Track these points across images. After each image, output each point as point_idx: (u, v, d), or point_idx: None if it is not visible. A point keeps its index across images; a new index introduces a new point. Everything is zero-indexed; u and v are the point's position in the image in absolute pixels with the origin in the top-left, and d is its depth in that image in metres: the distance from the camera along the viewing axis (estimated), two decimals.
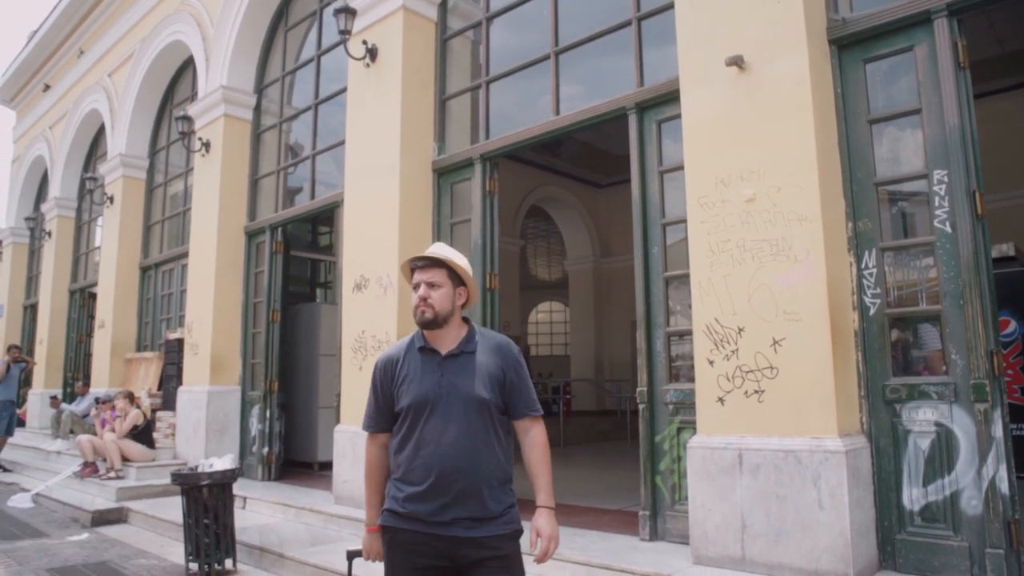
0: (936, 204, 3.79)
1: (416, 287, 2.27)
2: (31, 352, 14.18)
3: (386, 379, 2.32)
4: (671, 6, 4.73)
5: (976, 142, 3.75)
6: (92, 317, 12.70)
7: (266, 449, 8.23)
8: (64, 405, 11.52)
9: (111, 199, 11.55)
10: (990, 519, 3.49)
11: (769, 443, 3.88)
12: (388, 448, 2.33)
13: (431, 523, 2.16)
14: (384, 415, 2.32)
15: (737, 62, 4.16)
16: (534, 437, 2.31)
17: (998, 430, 3.53)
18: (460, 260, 2.31)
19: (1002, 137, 8.06)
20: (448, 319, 2.26)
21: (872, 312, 3.97)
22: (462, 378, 2.21)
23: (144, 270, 11.40)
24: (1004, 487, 3.48)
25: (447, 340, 2.28)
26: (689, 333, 4.48)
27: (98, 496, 7.88)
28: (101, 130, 12.99)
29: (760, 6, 4.18)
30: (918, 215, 4.06)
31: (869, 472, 3.84)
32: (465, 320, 2.36)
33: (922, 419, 3.77)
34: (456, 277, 2.30)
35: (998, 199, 7.32)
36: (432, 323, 2.24)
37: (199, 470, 5.37)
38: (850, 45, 4.16)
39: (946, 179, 3.76)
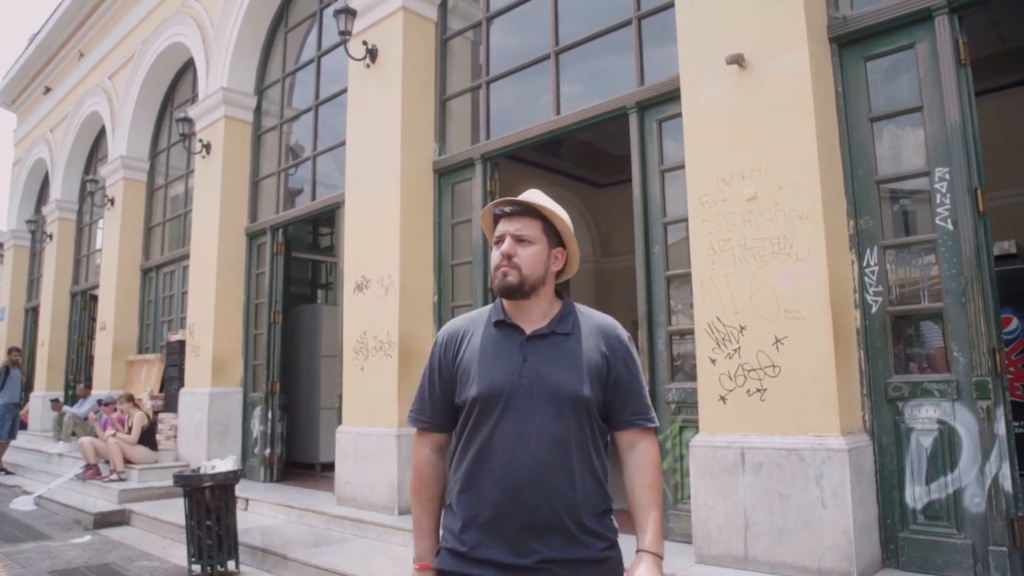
0: (938, 202, 3.79)
1: (499, 241, 1.75)
2: (32, 355, 14.19)
3: (446, 358, 1.78)
4: (671, 5, 4.72)
5: (978, 139, 3.74)
6: (93, 319, 12.71)
7: (268, 450, 8.23)
8: (66, 408, 11.52)
9: (112, 201, 11.55)
10: (993, 517, 3.48)
11: (771, 441, 3.88)
12: (445, 453, 1.84)
13: (508, 569, 1.61)
14: (439, 407, 1.79)
15: (738, 60, 4.16)
16: (643, 455, 1.73)
17: (1001, 427, 3.52)
18: (561, 212, 1.78)
19: (1004, 134, 8.03)
20: (538, 288, 1.74)
21: (874, 310, 3.96)
22: (552, 366, 1.68)
23: (145, 272, 11.41)
24: (1007, 484, 3.48)
25: (535, 316, 1.76)
26: (691, 332, 4.48)
27: (100, 498, 7.88)
28: (102, 132, 13.00)
29: (760, 4, 4.17)
30: (919, 213, 4.06)
31: (872, 470, 3.84)
32: (559, 294, 1.83)
33: (924, 417, 3.77)
34: (553, 233, 1.78)
35: (1000, 196, 7.31)
36: (516, 290, 1.71)
37: (201, 472, 5.37)
38: (851, 43, 4.15)
39: (948, 176, 3.75)
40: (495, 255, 1.76)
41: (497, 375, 1.69)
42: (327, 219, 10.15)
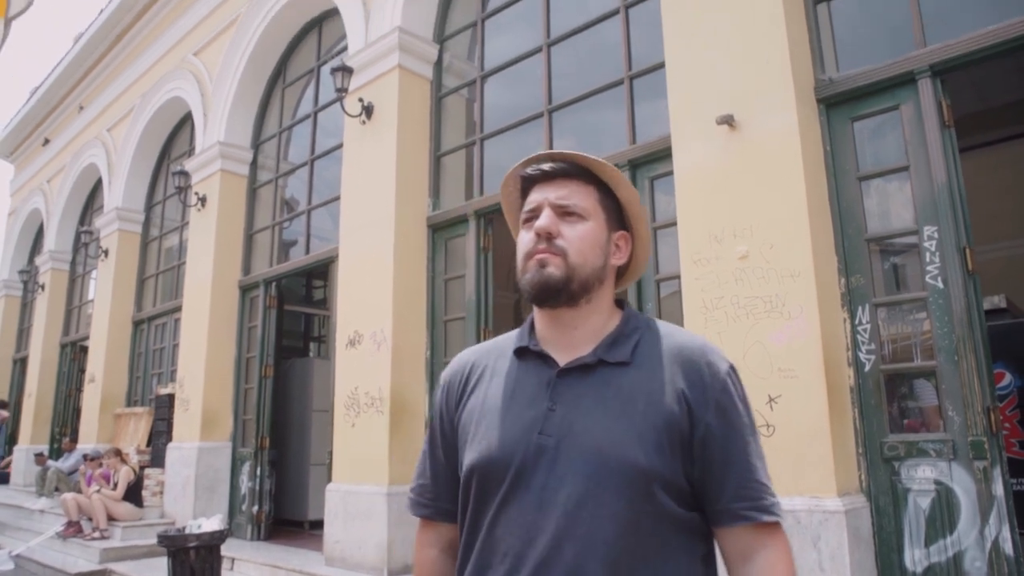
0: (927, 260, 3.81)
1: (530, 216, 1.20)
2: (18, 407, 14.00)
3: (448, 409, 1.28)
4: (662, 65, 4.82)
5: (964, 199, 3.79)
6: (83, 371, 12.58)
7: (256, 507, 8.06)
8: (50, 462, 11.32)
9: (106, 252, 11.55)
10: None
11: None
12: (455, 553, 1.25)
13: None
14: (444, 484, 1.27)
15: (728, 121, 4.23)
16: (762, 570, 1.11)
17: (999, 488, 3.48)
18: (622, 176, 1.24)
19: (990, 189, 8.16)
20: (591, 289, 1.17)
21: (867, 368, 3.95)
22: (595, 418, 1.11)
23: (137, 324, 11.35)
24: (1008, 548, 3.42)
25: (581, 336, 1.18)
26: None
27: (81, 557, 7.67)
28: (98, 184, 13.08)
29: (749, 66, 4.26)
30: (910, 270, 4.08)
31: (869, 532, 3.77)
32: (620, 303, 1.25)
33: (921, 477, 3.72)
34: (614, 209, 1.23)
35: (988, 250, 7.39)
36: (558, 290, 1.14)
37: (187, 531, 5.26)
38: (838, 104, 4.24)
39: (936, 235, 3.79)
40: (524, 238, 1.19)
41: (506, 432, 1.13)
42: (321, 271, 10.17)
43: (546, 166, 1.22)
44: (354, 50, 7.04)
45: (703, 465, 1.11)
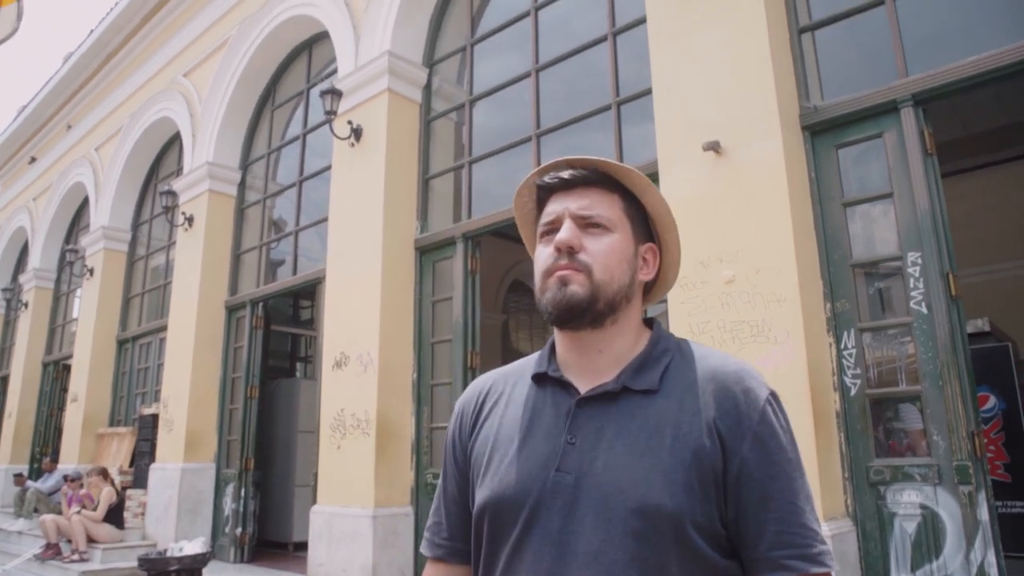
0: (911, 285, 3.85)
1: (549, 229, 1.10)
2: None
3: (461, 439, 1.18)
4: (649, 91, 4.88)
5: (947, 225, 3.84)
6: (65, 390, 12.43)
7: (239, 529, 7.96)
8: (29, 482, 11.14)
9: (91, 271, 11.48)
10: None
11: None
12: None
13: None
14: (455, 520, 1.18)
15: (714, 147, 4.28)
16: None
17: (984, 513, 3.50)
18: (650, 183, 1.13)
19: (973, 214, 8.29)
20: (618, 309, 1.07)
21: (853, 393, 3.97)
22: (617, 453, 1.01)
23: (121, 343, 11.24)
24: (993, 572, 3.43)
25: (606, 361, 1.08)
26: None
27: None
28: (84, 202, 13.03)
29: (735, 94, 4.32)
30: (895, 295, 4.12)
31: (856, 557, 3.78)
32: (649, 322, 1.16)
33: (907, 501, 3.73)
34: (641, 219, 1.14)
35: (971, 274, 7.47)
36: (582, 310, 1.05)
37: (168, 554, 5.19)
38: (822, 131, 4.30)
39: (920, 261, 3.84)
40: (543, 254, 1.09)
41: (520, 468, 1.04)
42: (308, 292, 10.14)
43: (565, 173, 1.11)
44: (344, 73, 7.08)
45: (738, 505, 0.98)
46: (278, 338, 10.94)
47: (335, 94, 6.72)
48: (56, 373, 13.33)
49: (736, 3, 4.40)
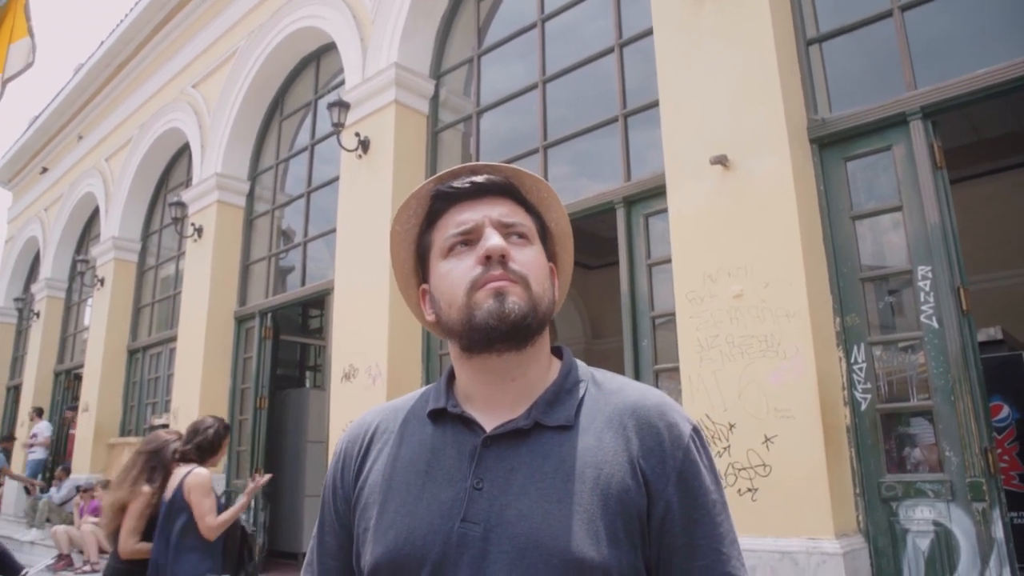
0: (922, 300, 3.82)
1: (466, 237, 0.98)
2: (11, 435, 13.87)
3: (343, 485, 1.04)
4: (657, 103, 4.86)
5: (957, 239, 3.81)
6: (76, 399, 12.50)
7: None
8: (40, 493, 11.19)
9: (102, 281, 11.54)
10: None
11: (764, 544, 3.78)
12: None
13: None
14: (333, 572, 1.04)
15: (722, 161, 4.26)
16: None
17: (998, 531, 3.46)
18: (557, 197, 1.08)
19: (983, 221, 8.22)
20: (543, 328, 0.98)
21: (864, 407, 3.94)
22: (531, 499, 0.90)
23: (132, 353, 11.30)
24: None
25: (513, 393, 0.98)
26: None
27: None
28: (95, 213, 13.11)
29: (743, 107, 4.30)
30: (905, 310, 4.09)
31: (868, 574, 3.74)
32: (557, 351, 1.05)
33: (920, 518, 3.70)
34: (542, 234, 1.04)
35: (982, 281, 7.41)
36: (523, 327, 0.93)
37: None
38: (831, 144, 4.27)
39: (930, 275, 3.80)
40: (460, 267, 0.96)
41: (419, 519, 0.92)
42: (317, 301, 10.17)
43: (480, 178, 1.00)
44: (351, 85, 7.10)
45: (660, 552, 0.91)
46: (287, 348, 10.95)
47: (342, 106, 6.73)
48: (68, 382, 13.40)
49: (743, 15, 4.38)
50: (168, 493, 3.47)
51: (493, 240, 0.94)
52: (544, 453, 0.92)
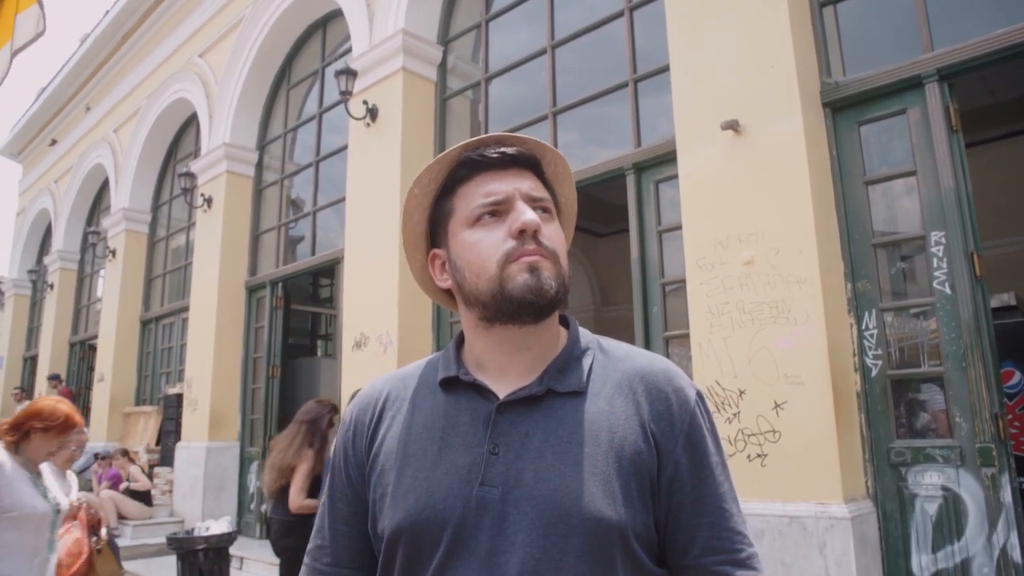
0: (935, 265, 3.79)
1: (497, 207, 0.98)
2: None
3: (355, 453, 1.05)
4: (667, 68, 4.80)
5: (972, 204, 3.76)
6: (91, 370, 12.66)
7: (264, 507, 8.11)
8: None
9: (113, 253, 11.61)
10: None
11: (773, 508, 3.81)
12: None
13: None
14: (345, 543, 1.05)
15: (733, 126, 4.21)
16: None
17: (1007, 495, 3.47)
18: (571, 175, 1.12)
19: (998, 184, 8.11)
20: (564, 301, 0.99)
21: (874, 374, 3.94)
22: (548, 462, 0.92)
23: (144, 323, 11.40)
24: (1016, 555, 3.41)
25: (525, 362, 1.00)
26: None
27: None
28: (105, 184, 13.14)
29: (754, 71, 4.24)
30: (918, 275, 4.06)
31: (876, 538, 3.77)
32: (564, 320, 1.08)
33: (928, 483, 3.71)
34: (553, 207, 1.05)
35: (996, 246, 7.33)
36: (555, 303, 0.97)
37: (195, 533, 5.29)
38: (844, 108, 4.21)
39: (943, 240, 3.77)
40: (491, 238, 0.97)
41: (438, 484, 0.93)
42: (327, 270, 10.20)
43: (511, 149, 1.00)
44: (358, 52, 7.04)
45: (669, 511, 0.95)
46: (298, 317, 11.02)
47: (350, 74, 6.68)
48: (83, 353, 13.56)
49: None
50: (329, 455, 4.03)
51: (528, 215, 0.96)
52: (558, 418, 0.94)
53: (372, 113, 6.73)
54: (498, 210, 0.98)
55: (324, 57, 8.63)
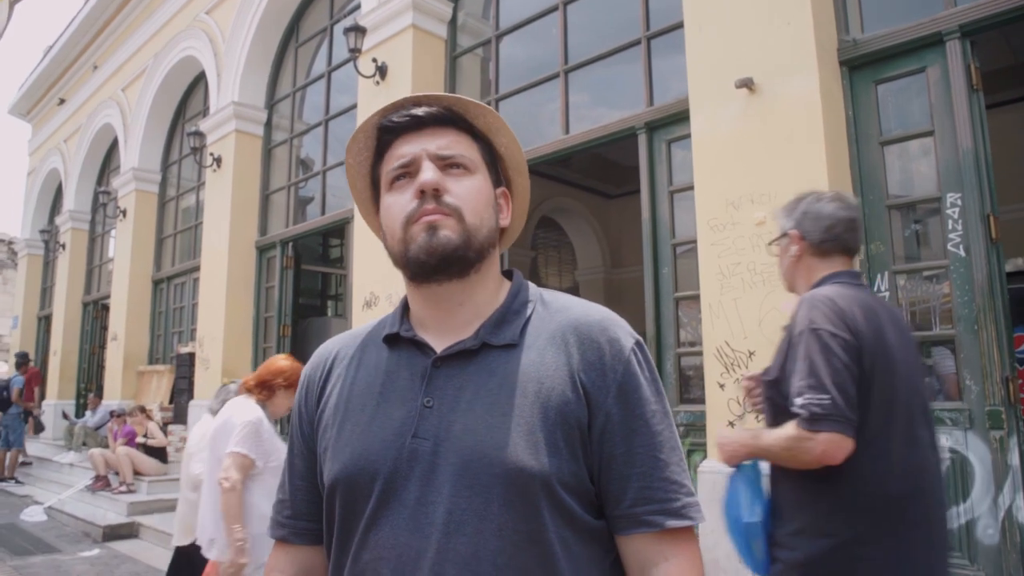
0: (950, 227, 3.74)
1: (405, 171, 1.00)
2: (45, 364, 14.29)
3: (307, 410, 1.09)
4: (681, 25, 4.70)
5: (990, 165, 3.70)
6: (105, 329, 12.79)
7: None
8: (73, 418, 11.60)
9: (124, 213, 11.64)
10: (1007, 550, 3.43)
11: None
12: None
13: None
14: (301, 498, 1.10)
15: (747, 84, 4.14)
16: None
17: (1014, 458, 3.47)
18: (504, 122, 1.07)
19: (1017, 147, 7.97)
20: (484, 256, 1.00)
21: None
22: (477, 415, 0.93)
23: (156, 283, 11.48)
24: (1021, 516, 3.43)
25: (463, 316, 1.01)
26: (700, 354, 4.45)
27: (109, 510, 7.91)
28: (114, 144, 13.11)
29: (770, 28, 4.15)
30: (932, 238, 4.02)
31: None
32: (508, 273, 1.09)
33: None
34: (490, 160, 1.06)
35: (1014, 210, 7.23)
36: (455, 257, 0.96)
37: None
38: (861, 66, 4.12)
39: (960, 202, 3.71)
40: (398, 201, 0.99)
41: (373, 436, 0.96)
42: (337, 231, 10.20)
43: (419, 111, 1.00)
44: (367, 9, 6.93)
45: (601, 462, 0.95)
46: (308, 277, 11.07)
47: (359, 31, 6.59)
48: (96, 312, 13.69)
49: None
50: None
51: (427, 175, 0.97)
52: (490, 371, 0.96)
53: (381, 71, 6.65)
54: (408, 172, 0.99)
55: (333, 14, 8.51)
